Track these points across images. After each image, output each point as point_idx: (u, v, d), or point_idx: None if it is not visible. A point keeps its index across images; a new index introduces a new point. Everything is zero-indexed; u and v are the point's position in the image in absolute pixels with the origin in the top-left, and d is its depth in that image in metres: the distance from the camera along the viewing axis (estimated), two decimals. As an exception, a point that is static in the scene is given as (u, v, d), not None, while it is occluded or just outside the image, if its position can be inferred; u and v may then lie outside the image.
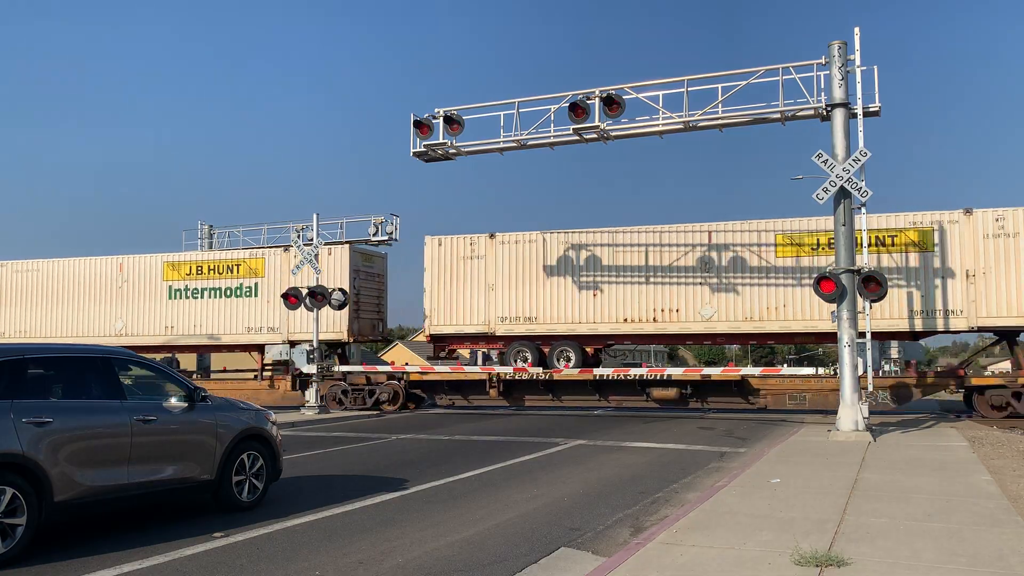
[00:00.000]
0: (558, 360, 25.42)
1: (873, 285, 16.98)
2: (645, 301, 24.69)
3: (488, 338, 26.32)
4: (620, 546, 7.72)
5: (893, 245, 22.35)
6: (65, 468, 7.52)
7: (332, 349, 28.96)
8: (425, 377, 27.41)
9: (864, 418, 16.59)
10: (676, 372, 25.02)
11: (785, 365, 23.74)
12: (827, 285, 16.93)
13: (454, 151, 21.64)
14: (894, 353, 22.68)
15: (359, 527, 8.67)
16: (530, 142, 20.89)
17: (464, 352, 27.84)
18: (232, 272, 28.89)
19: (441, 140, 21.10)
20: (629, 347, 39.62)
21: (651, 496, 10.53)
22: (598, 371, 24.86)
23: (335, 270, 27.79)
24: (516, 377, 25.38)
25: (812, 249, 23.06)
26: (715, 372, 24.30)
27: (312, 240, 26.94)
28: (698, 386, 24.55)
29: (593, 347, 25.81)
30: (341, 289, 26.69)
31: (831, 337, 21.10)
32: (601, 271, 25.23)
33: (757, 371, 24.41)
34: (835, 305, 17.30)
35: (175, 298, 29.42)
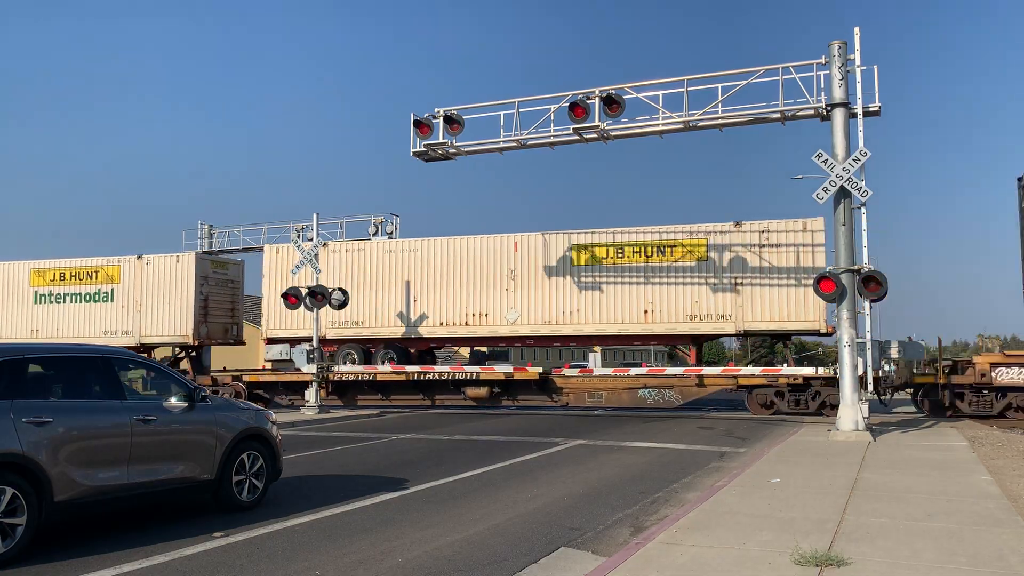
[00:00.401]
0: (382, 361, 27.03)
1: (873, 285, 16.97)
2: (459, 306, 26.35)
3: (320, 341, 27.51)
4: (620, 546, 7.72)
5: (672, 254, 24.43)
6: (65, 468, 7.52)
7: (185, 351, 29.86)
8: (261, 378, 28.62)
9: (864, 418, 16.59)
10: (484, 372, 26.22)
11: (785, 365, 23.81)
12: (827, 285, 16.93)
13: (454, 151, 21.64)
14: (894, 353, 22.59)
15: (359, 527, 8.67)
16: (530, 142, 20.90)
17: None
18: (91, 279, 30.10)
19: (441, 140, 21.10)
20: (448, 351, 40.79)
21: (651, 496, 10.53)
22: (410, 369, 26.32)
23: (182, 276, 29.02)
24: (344, 378, 26.73)
25: (603, 258, 25.05)
26: (517, 372, 25.71)
27: (312, 239, 26.95)
28: (506, 385, 25.86)
29: (417, 349, 27.46)
30: (341, 289, 26.68)
31: (618, 340, 25.76)
32: (422, 278, 26.96)
33: (571, 372, 25.83)
34: (835, 305, 17.31)
35: (40, 303, 30.56)
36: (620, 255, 24.71)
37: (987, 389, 21.44)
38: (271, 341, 28.16)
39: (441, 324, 26.55)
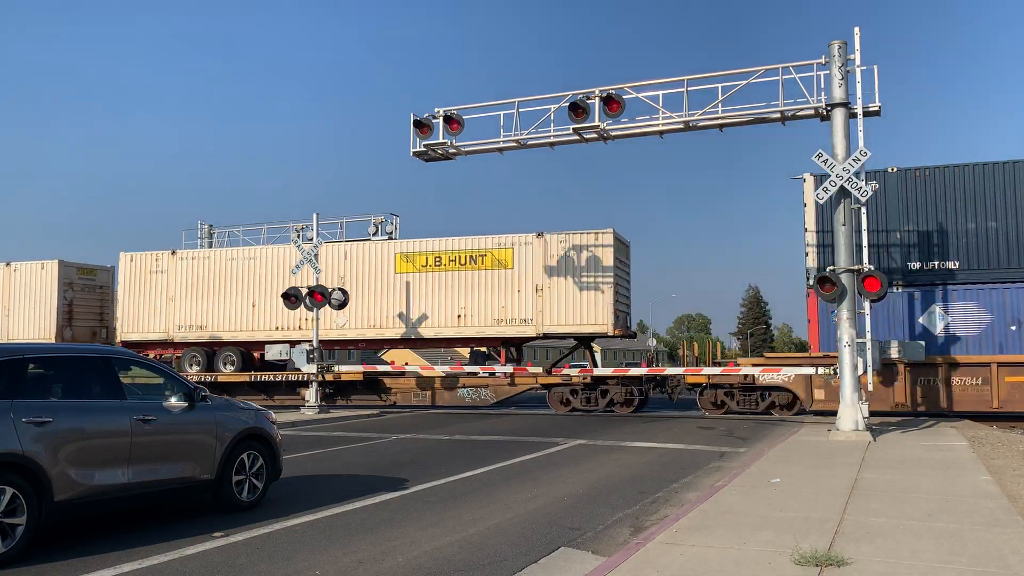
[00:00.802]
0: (224, 364, 28.47)
1: (873, 284, 16.97)
2: (295, 311, 27.07)
3: (168, 344, 29.12)
4: (620, 546, 7.72)
5: (482, 263, 26.38)
6: (65, 468, 7.52)
7: None
8: None
9: (864, 418, 16.59)
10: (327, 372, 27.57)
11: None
12: (827, 286, 16.92)
13: (454, 151, 21.64)
14: (894, 353, 22.57)
15: (359, 527, 8.67)
16: (530, 142, 20.89)
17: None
18: None
19: (441, 140, 21.09)
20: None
21: (651, 496, 10.53)
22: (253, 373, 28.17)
23: (45, 283, 30.24)
24: (202, 378, 27.98)
25: (423, 266, 27.03)
26: (345, 375, 27.26)
27: (316, 239, 26.97)
28: (337, 385, 27.53)
29: (258, 352, 28.58)
30: (341, 289, 26.70)
31: (435, 342, 28.41)
32: (261, 285, 28.60)
33: (395, 372, 27.88)
34: (835, 305, 17.31)
35: None
36: (438, 263, 26.90)
37: (751, 389, 23.68)
38: (125, 345, 29.16)
39: (277, 328, 28.31)
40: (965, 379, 21.73)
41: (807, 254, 24.21)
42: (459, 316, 26.43)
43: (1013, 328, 22.42)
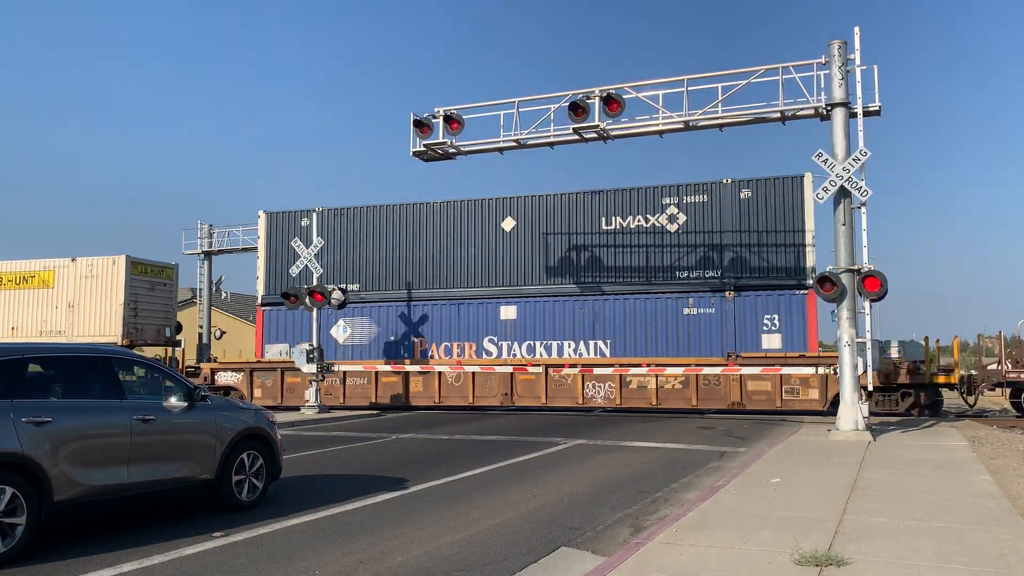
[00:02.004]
0: None
1: (873, 284, 16.96)
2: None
3: None
4: (620, 546, 7.72)
5: (29, 282, 29.87)
6: (65, 468, 7.52)
7: None
8: None
9: (864, 418, 16.59)
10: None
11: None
12: (827, 286, 16.92)
13: (454, 150, 21.66)
14: (894, 353, 22.64)
15: (359, 526, 8.67)
16: (530, 141, 20.92)
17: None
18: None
19: (441, 139, 21.12)
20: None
21: (651, 496, 10.53)
22: None
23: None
24: None
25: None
26: None
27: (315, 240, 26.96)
28: None
29: None
30: (341, 288, 26.72)
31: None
32: None
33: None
34: (835, 305, 17.31)
35: None
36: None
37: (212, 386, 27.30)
38: None
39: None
40: (357, 380, 27.53)
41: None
42: (12, 328, 29.96)
43: (392, 338, 29.06)
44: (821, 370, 22.49)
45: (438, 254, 28.81)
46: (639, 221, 26.68)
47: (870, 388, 17.56)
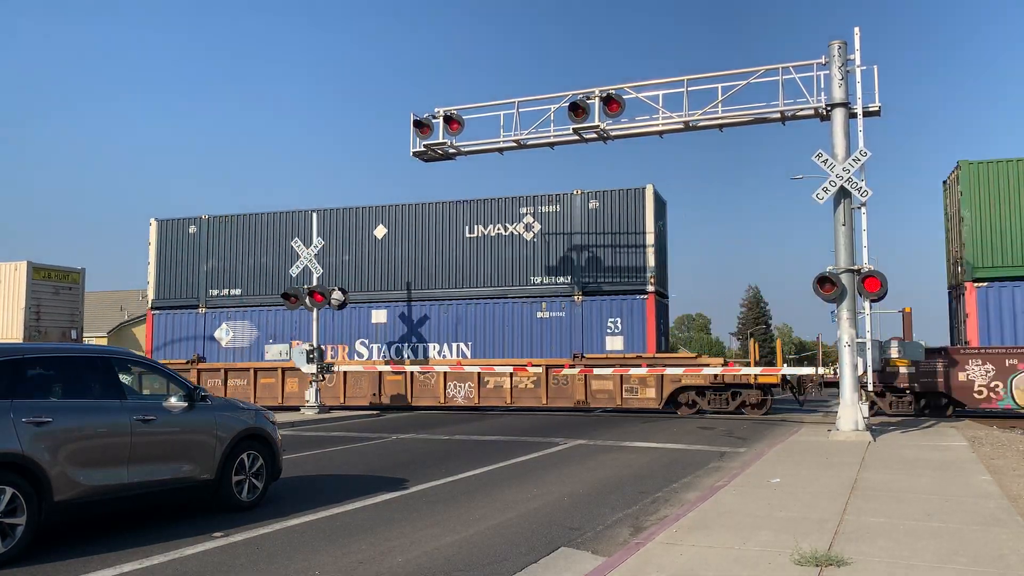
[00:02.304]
0: None
1: (873, 284, 16.96)
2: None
3: None
4: (620, 546, 7.72)
5: None
6: (65, 468, 7.52)
7: None
8: None
9: (864, 418, 16.58)
10: None
11: (785, 364, 24.22)
12: (827, 286, 16.91)
13: (454, 151, 21.66)
14: (894, 353, 22.67)
15: (359, 527, 8.67)
16: (530, 141, 20.91)
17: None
18: None
19: (441, 140, 21.12)
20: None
21: (651, 496, 10.53)
22: None
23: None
24: None
25: None
26: None
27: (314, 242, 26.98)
28: None
29: None
30: (341, 288, 26.73)
31: None
32: None
33: None
34: (835, 305, 17.31)
35: None
36: None
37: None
38: None
39: None
40: (237, 381, 28.38)
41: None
42: None
43: (271, 341, 30.06)
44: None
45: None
46: (499, 229, 28.26)
47: (870, 386, 17.54)
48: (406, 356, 28.64)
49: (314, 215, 28.47)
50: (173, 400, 8.82)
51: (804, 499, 9.61)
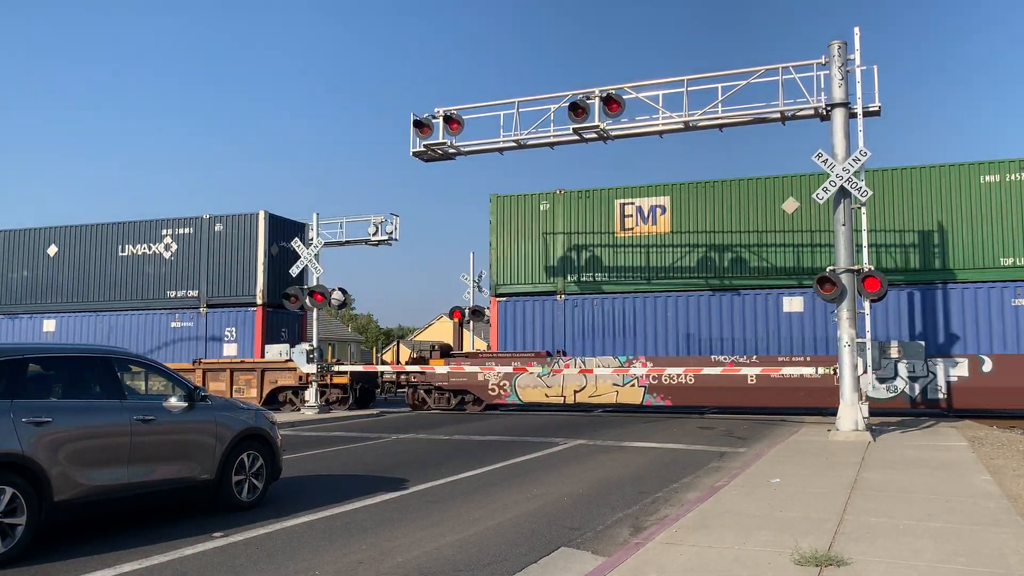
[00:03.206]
0: None
1: (873, 284, 16.97)
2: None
3: None
4: (620, 546, 7.72)
5: None
6: (65, 468, 7.52)
7: None
8: None
9: (864, 418, 16.59)
10: None
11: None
12: (827, 286, 16.92)
13: (454, 151, 21.66)
14: (894, 352, 22.70)
15: (359, 527, 8.67)
16: (530, 141, 20.92)
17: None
18: None
19: (441, 140, 21.13)
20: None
21: (651, 496, 10.53)
22: None
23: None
24: None
25: None
26: None
27: (313, 240, 27.01)
28: None
29: None
30: (341, 288, 26.74)
31: None
32: None
33: None
34: (835, 305, 17.31)
35: None
36: None
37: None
38: None
39: None
40: None
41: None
42: None
43: None
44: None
45: None
46: (144, 249, 31.42)
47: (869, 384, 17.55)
48: None
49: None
50: (173, 400, 8.82)
51: (804, 499, 9.61)
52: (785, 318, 24.49)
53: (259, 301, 29.32)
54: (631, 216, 26.48)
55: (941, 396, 22.22)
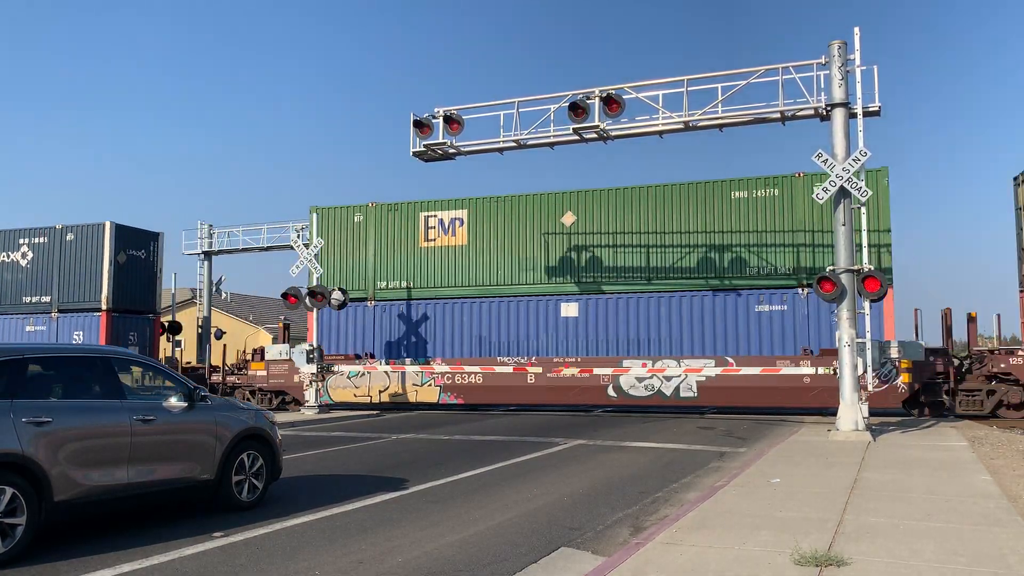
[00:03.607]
0: None
1: (873, 284, 16.97)
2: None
3: None
4: (620, 546, 7.72)
5: None
6: (65, 468, 7.52)
7: None
8: None
9: (864, 418, 16.59)
10: None
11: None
12: (827, 285, 16.92)
13: (454, 151, 21.65)
14: (894, 353, 22.69)
15: (359, 527, 8.67)
16: (530, 141, 20.91)
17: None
18: None
19: (441, 140, 21.11)
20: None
21: (651, 496, 10.53)
22: None
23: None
24: None
25: None
26: None
27: (312, 241, 27.01)
28: None
29: None
30: (341, 288, 26.74)
31: None
32: None
33: None
34: (835, 304, 17.31)
35: None
36: None
37: None
38: None
39: None
40: None
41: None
42: None
43: None
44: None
45: None
46: (3, 257, 33.06)
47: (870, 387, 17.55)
48: None
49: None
50: (173, 400, 8.82)
51: (804, 499, 9.61)
52: (563, 323, 26.25)
53: (104, 306, 31.02)
54: (434, 228, 28.25)
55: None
